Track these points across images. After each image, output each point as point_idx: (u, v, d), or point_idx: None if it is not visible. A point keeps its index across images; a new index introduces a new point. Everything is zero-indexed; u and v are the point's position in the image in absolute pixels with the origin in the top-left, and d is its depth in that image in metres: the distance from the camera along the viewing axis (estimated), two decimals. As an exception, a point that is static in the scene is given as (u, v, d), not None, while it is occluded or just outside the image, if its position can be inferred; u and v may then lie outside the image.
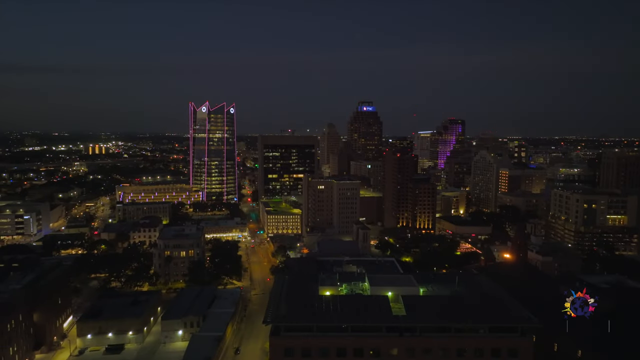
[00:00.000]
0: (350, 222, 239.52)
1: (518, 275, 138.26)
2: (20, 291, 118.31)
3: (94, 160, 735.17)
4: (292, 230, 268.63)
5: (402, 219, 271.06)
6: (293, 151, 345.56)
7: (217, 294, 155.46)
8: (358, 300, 77.95)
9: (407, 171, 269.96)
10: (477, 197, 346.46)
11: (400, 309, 74.60)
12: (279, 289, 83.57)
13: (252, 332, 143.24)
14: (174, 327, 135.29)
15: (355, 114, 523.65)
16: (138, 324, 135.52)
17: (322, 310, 73.70)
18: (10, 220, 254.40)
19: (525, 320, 71.06)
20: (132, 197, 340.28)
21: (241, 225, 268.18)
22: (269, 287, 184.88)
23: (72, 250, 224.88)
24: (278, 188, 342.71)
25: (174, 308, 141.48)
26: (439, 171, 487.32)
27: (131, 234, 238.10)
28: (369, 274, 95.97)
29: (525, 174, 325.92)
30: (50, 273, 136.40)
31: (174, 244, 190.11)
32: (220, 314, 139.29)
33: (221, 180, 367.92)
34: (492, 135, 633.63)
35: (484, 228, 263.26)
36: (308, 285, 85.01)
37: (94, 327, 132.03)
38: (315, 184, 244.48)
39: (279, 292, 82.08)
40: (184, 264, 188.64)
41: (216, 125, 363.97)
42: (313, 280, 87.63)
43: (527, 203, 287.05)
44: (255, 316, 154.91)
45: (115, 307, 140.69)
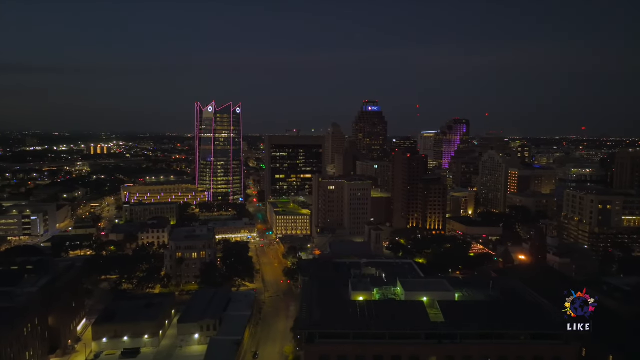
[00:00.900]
0: (361, 223, 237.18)
1: (540, 278, 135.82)
2: (36, 294, 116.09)
3: (97, 160, 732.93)
4: (301, 231, 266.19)
5: (412, 219, 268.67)
6: (300, 151, 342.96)
7: (232, 297, 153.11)
8: (393, 305, 75.56)
9: (417, 171, 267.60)
10: (485, 198, 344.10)
11: (437, 314, 72.33)
12: (309, 294, 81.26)
13: (269, 335, 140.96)
14: (190, 331, 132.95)
15: (360, 113, 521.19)
16: (153, 328, 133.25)
17: (357, 317, 71.40)
18: (17, 220, 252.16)
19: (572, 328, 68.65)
20: (137, 198, 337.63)
21: (250, 226, 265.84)
22: (282, 289, 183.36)
23: (81, 252, 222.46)
24: (285, 188, 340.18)
25: (189, 311, 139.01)
26: (443, 171, 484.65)
27: (139, 235, 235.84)
28: (400, 278, 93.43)
29: (535, 174, 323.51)
30: (64, 275, 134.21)
31: (185, 245, 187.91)
32: (237, 317, 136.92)
33: (227, 181, 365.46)
34: (497, 135, 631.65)
35: (494, 229, 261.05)
36: (339, 289, 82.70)
37: (110, 331, 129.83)
38: (325, 184, 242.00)
39: (310, 297, 79.73)
40: (195, 266, 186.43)
41: (222, 125, 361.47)
42: (343, 284, 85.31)
43: (537, 203, 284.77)
44: (271, 319, 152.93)
45: (130, 310, 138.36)
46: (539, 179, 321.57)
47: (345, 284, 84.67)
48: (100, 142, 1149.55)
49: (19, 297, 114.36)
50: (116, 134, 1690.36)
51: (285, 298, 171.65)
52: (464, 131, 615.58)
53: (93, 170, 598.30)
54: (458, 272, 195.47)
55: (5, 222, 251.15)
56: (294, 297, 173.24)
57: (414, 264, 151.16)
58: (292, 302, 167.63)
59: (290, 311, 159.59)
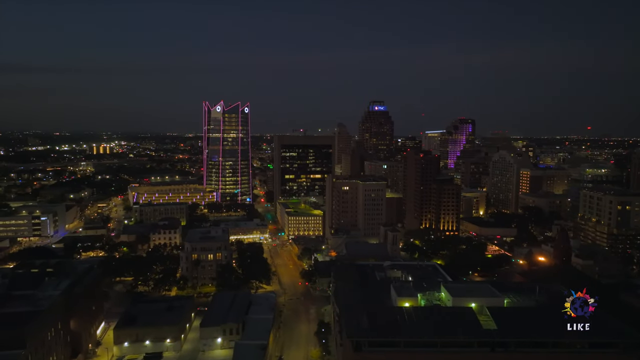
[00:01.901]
0: (375, 224, 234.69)
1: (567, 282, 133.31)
2: (59, 297, 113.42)
3: (100, 160, 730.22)
4: (313, 232, 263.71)
5: (424, 220, 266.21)
6: (310, 151, 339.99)
7: (252, 299, 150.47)
8: (442, 312, 73.00)
9: (430, 172, 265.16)
10: (496, 198, 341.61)
11: (488, 321, 69.80)
12: (350, 299, 78.70)
13: (292, 339, 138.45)
14: (212, 335, 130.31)
15: (366, 113, 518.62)
16: (175, 331, 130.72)
17: (405, 324, 68.88)
18: (27, 221, 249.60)
19: (629, 336, 66.26)
20: (146, 198, 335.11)
21: (262, 227, 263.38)
22: (299, 292, 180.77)
23: (92, 253, 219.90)
24: (295, 189, 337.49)
25: (211, 314, 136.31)
26: (450, 171, 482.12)
27: (151, 236, 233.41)
28: (427, 281, 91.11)
29: (547, 175, 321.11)
30: (84, 278, 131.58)
31: (201, 247, 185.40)
32: (260, 320, 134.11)
33: (235, 181, 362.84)
34: (502, 134, 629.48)
35: (508, 230, 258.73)
36: (379, 294, 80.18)
37: (131, 335, 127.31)
38: (339, 184, 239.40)
39: (351, 303, 77.20)
40: (211, 267, 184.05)
41: (230, 124, 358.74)
42: (382, 288, 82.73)
43: (551, 204, 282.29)
44: (292, 322, 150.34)
45: (150, 313, 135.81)
46: (550, 179, 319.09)
47: (385, 289, 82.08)
48: (101, 142, 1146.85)
49: (41, 300, 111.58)
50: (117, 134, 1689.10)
51: (304, 300, 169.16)
52: (470, 131, 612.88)
53: (97, 170, 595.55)
54: (476, 274, 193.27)
55: (15, 223, 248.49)
56: (313, 299, 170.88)
57: (437, 267, 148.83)
58: (312, 304, 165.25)
59: (311, 314, 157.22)
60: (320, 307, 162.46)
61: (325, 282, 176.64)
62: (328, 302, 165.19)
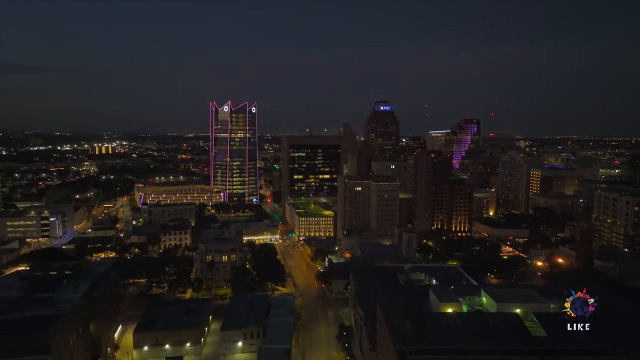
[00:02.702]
0: (388, 225, 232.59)
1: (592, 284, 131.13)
2: (80, 301, 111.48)
3: (103, 160, 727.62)
4: (324, 233, 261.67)
5: (436, 221, 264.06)
6: (319, 151, 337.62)
7: (270, 302, 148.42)
8: (487, 318, 70.81)
9: (442, 172, 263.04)
10: (505, 199, 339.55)
11: (536, 328, 67.66)
12: (387, 304, 76.59)
13: (312, 342, 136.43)
14: (233, 338, 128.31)
15: (371, 113, 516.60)
16: (195, 335, 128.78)
17: (451, 331, 66.74)
18: (36, 222, 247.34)
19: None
20: (153, 198, 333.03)
21: (272, 228, 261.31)
22: (314, 294, 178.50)
23: (103, 254, 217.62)
24: (304, 189, 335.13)
25: (230, 317, 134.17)
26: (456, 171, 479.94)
27: (161, 237, 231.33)
28: (453, 284, 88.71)
29: (557, 175, 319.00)
30: (103, 280, 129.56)
31: (215, 248, 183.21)
32: (281, 323, 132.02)
33: (243, 181, 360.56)
34: (507, 134, 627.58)
35: (520, 230, 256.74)
36: (415, 299, 78.06)
37: (151, 339, 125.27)
38: (351, 185, 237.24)
39: (390, 308, 75.09)
40: (226, 269, 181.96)
41: (238, 125, 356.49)
42: (416, 293, 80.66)
43: (562, 204, 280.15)
44: (311, 325, 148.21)
45: (169, 316, 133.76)
46: (561, 179, 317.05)
47: (418, 293, 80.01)
48: (102, 142, 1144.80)
49: (62, 303, 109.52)
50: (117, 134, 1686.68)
51: (321, 303, 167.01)
52: (475, 131, 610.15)
53: (101, 170, 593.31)
54: (492, 275, 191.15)
55: (23, 224, 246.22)
56: (330, 301, 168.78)
57: (459, 269, 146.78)
58: (329, 307, 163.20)
59: (329, 317, 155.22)
60: (337, 309, 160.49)
61: (341, 284, 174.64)
62: (345, 304, 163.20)
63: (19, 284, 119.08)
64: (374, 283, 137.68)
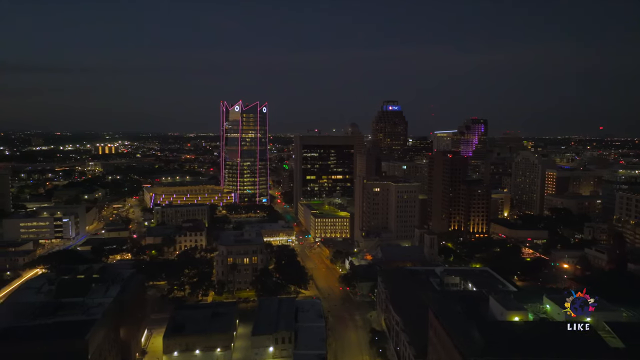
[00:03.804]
0: (407, 226, 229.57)
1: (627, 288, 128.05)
2: (112, 306, 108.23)
3: (107, 160, 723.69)
4: (340, 234, 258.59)
5: (453, 222, 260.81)
6: (331, 152, 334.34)
7: (298, 306, 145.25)
8: (559, 328, 67.50)
9: (459, 173, 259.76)
10: (519, 199, 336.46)
11: (611, 339, 64.49)
12: (443, 310, 73.43)
13: (344, 348, 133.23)
14: (264, 343, 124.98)
15: (380, 113, 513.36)
16: (226, 340, 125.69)
17: (522, 341, 63.52)
18: (49, 223, 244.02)
19: None
20: (163, 199, 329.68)
21: (288, 229, 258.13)
22: (337, 297, 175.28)
23: (118, 256, 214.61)
24: (316, 189, 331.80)
25: (260, 322, 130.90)
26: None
27: (177, 239, 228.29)
28: (487, 288, 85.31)
29: (573, 175, 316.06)
30: (130, 284, 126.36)
31: (237, 250, 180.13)
32: (312, 328, 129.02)
33: (253, 182, 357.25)
34: (514, 134, 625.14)
35: (539, 232, 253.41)
36: (480, 306, 74.91)
37: (181, 344, 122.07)
38: (370, 186, 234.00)
39: (448, 315, 71.94)
40: (247, 272, 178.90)
41: (249, 125, 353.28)
42: (482, 298, 77.43)
43: (580, 205, 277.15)
44: (340, 329, 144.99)
45: (196, 320, 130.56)
46: (577, 180, 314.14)
47: (484, 299, 76.76)
48: (103, 142, 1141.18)
49: (93, 308, 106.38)
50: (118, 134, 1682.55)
51: (347, 306, 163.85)
52: (482, 131, 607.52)
53: (106, 170, 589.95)
54: (516, 277, 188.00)
55: (36, 225, 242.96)
56: (355, 305, 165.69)
57: (491, 272, 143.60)
58: (355, 310, 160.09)
59: (357, 320, 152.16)
60: (364, 313, 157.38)
61: (365, 286, 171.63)
62: (371, 307, 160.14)
63: (46, 288, 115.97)
64: (405, 287, 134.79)
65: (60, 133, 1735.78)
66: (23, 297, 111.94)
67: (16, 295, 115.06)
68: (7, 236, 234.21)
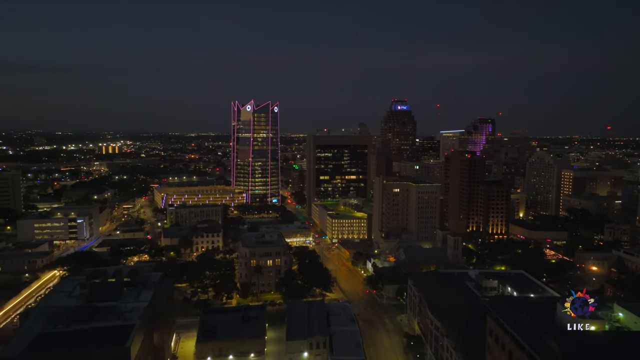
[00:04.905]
0: (428, 228, 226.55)
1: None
2: (147, 310, 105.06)
3: (112, 160, 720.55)
4: (357, 235, 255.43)
5: (471, 223, 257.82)
6: (345, 152, 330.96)
7: (328, 309, 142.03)
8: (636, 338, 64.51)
9: (477, 173, 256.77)
10: (534, 200, 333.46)
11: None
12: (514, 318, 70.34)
13: (379, 353, 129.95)
14: (299, 349, 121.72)
15: (388, 113, 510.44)
16: (259, 345, 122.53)
17: (605, 353, 60.49)
18: (64, 224, 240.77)
19: None
20: (175, 199, 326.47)
21: (304, 230, 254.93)
22: (365, 300, 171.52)
23: (136, 257, 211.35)
24: (330, 190, 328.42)
25: (293, 326, 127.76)
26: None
27: (194, 240, 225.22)
28: (622, 301, 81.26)
29: (589, 176, 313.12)
30: (161, 288, 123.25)
31: (260, 252, 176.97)
32: (347, 333, 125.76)
33: (265, 182, 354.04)
34: (522, 134, 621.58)
35: (558, 233, 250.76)
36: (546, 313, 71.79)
37: (214, 349, 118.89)
38: (390, 186, 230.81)
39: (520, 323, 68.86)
40: (271, 274, 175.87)
41: (260, 124, 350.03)
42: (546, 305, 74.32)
43: (599, 206, 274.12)
44: (371, 334, 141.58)
45: (228, 325, 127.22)
46: (593, 180, 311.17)
47: (549, 305, 73.69)
48: (105, 141, 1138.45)
49: (127, 313, 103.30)
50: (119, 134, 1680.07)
51: (375, 310, 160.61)
52: (490, 131, 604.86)
53: (112, 170, 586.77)
54: (543, 280, 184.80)
55: (51, 226, 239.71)
56: (382, 308, 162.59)
57: (527, 275, 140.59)
58: (383, 314, 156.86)
59: (387, 324, 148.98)
60: (393, 316, 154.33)
61: (392, 289, 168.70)
62: (399, 311, 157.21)
63: (78, 292, 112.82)
64: (441, 291, 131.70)
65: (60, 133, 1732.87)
66: (55, 301, 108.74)
67: (48, 299, 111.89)
68: (22, 237, 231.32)
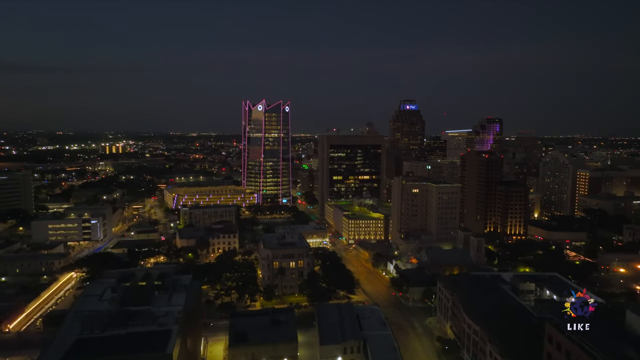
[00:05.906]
0: (448, 229, 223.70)
1: None
2: (182, 315, 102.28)
3: (116, 160, 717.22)
4: (375, 236, 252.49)
5: (489, 223, 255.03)
6: (358, 152, 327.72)
7: (358, 313, 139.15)
8: None
9: (495, 173, 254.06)
10: (548, 200, 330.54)
11: None
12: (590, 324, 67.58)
13: (412, 358, 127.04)
14: (333, 353, 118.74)
15: (397, 112, 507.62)
16: (291, 350, 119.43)
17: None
18: (78, 225, 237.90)
19: None
20: (186, 200, 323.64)
21: (320, 231, 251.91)
22: (390, 302, 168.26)
23: (153, 259, 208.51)
24: (343, 190, 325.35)
25: (325, 330, 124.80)
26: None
27: (210, 241, 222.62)
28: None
29: (606, 176, 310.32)
30: (192, 291, 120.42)
31: (282, 254, 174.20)
32: (378, 336, 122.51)
33: (276, 182, 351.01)
34: (530, 134, 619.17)
35: (577, 234, 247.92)
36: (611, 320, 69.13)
37: (247, 354, 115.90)
38: (409, 187, 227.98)
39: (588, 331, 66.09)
40: (293, 276, 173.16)
41: (271, 124, 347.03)
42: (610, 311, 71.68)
43: (616, 206, 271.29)
44: (402, 338, 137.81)
45: (258, 329, 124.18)
46: (609, 180, 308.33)
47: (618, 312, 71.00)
48: (107, 141, 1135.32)
49: (161, 317, 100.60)
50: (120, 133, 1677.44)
51: (403, 313, 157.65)
52: (497, 130, 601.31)
53: (118, 170, 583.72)
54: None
55: (65, 227, 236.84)
56: (410, 311, 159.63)
57: (561, 277, 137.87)
58: (411, 317, 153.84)
59: (416, 328, 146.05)
60: (421, 320, 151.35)
61: (417, 292, 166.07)
62: (426, 314, 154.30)
63: (109, 296, 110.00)
64: (476, 294, 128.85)
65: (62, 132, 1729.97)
66: (87, 305, 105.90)
67: (80, 303, 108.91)
68: (36, 238, 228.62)
